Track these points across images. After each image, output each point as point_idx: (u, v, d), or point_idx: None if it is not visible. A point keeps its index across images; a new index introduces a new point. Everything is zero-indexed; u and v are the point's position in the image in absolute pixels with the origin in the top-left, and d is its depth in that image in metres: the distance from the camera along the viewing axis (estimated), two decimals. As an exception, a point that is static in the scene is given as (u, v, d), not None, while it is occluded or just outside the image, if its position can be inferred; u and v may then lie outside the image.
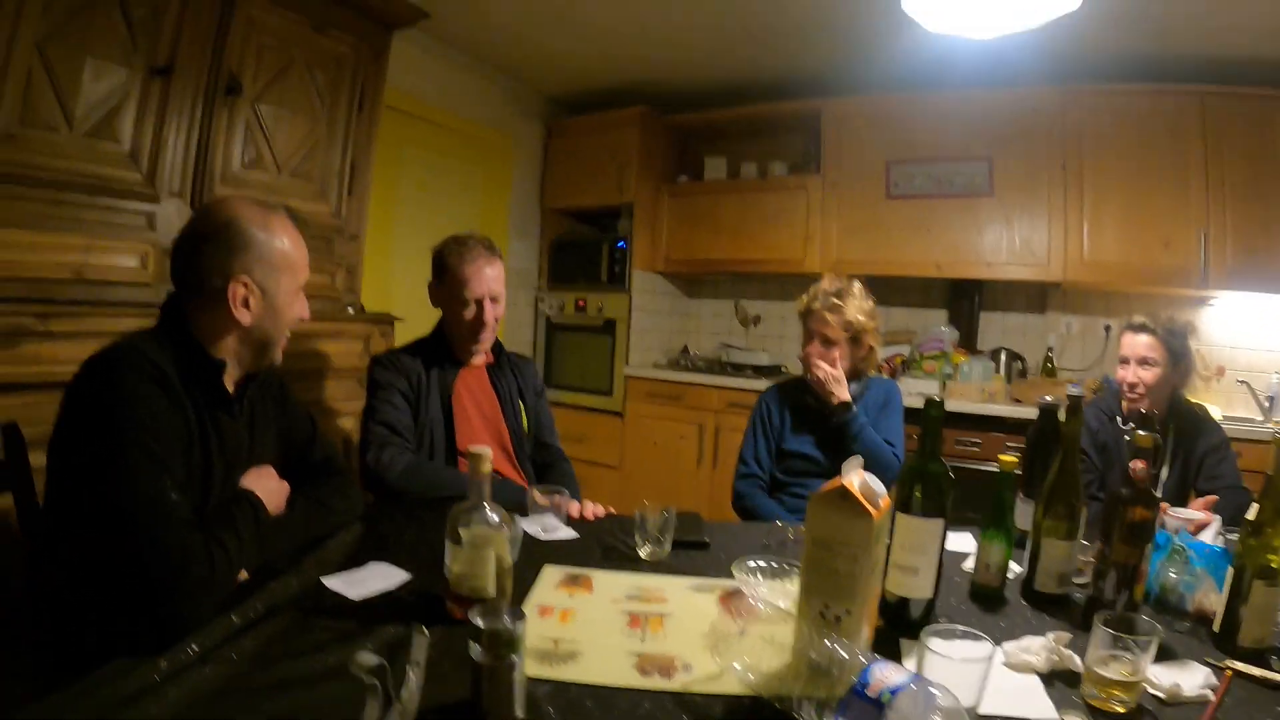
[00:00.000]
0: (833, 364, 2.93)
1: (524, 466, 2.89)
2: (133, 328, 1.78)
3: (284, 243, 1.81)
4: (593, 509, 2.41)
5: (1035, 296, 5.37)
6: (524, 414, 2.94)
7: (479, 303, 2.74)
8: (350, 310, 3.85)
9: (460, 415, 2.76)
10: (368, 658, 1.05)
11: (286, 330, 1.88)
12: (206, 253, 1.73)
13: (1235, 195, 4.39)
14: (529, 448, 2.95)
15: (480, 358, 2.90)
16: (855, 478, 1.40)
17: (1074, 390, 1.93)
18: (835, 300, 2.92)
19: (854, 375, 3.03)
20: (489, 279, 2.76)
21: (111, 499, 1.47)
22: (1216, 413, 3.56)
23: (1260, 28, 4.05)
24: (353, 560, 1.83)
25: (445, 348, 2.84)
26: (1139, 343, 3.06)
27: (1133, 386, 3.07)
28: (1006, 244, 4.98)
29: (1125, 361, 3.10)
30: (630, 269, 6.03)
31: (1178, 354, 3.05)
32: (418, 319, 3.65)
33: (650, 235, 6.20)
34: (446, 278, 2.77)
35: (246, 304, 1.76)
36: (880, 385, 3.12)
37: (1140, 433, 1.74)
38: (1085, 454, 3.03)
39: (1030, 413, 4.27)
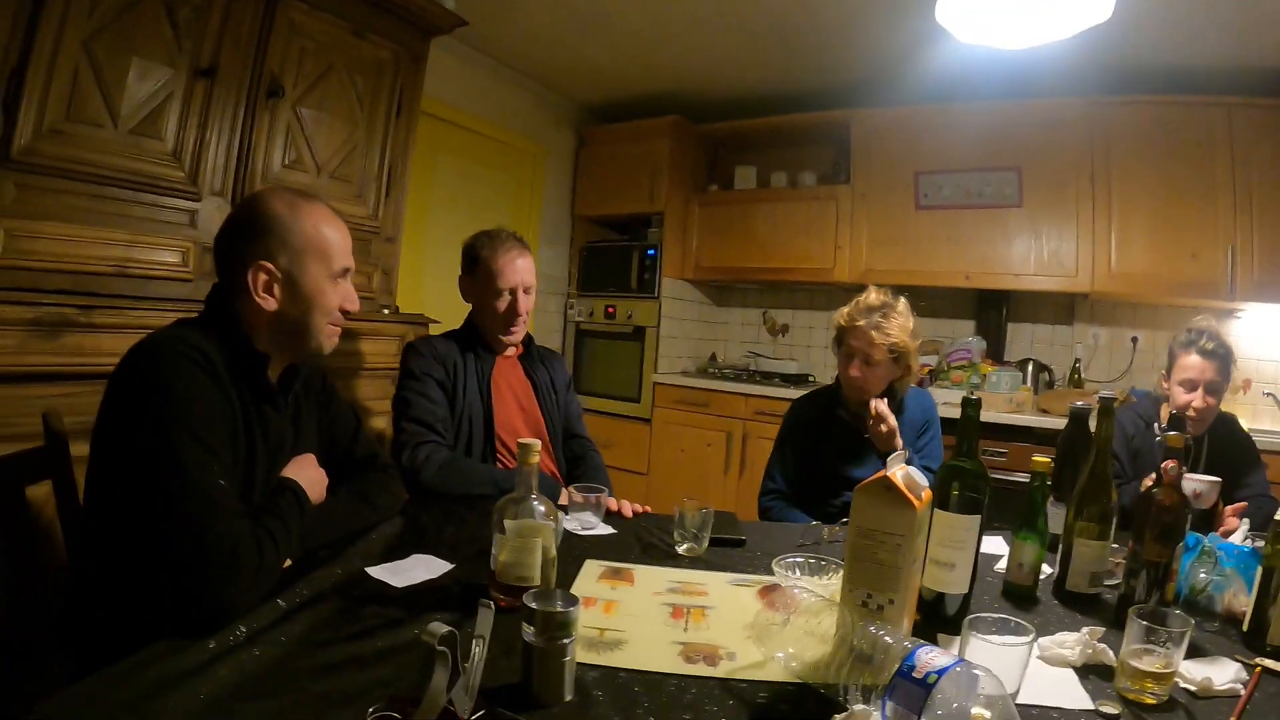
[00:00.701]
0: (877, 384, 2.85)
1: (558, 456, 2.93)
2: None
3: (311, 228, 1.77)
4: (630, 506, 2.46)
5: (1063, 307, 5.38)
6: (556, 404, 2.97)
7: (512, 292, 2.77)
8: (386, 311, 3.91)
9: (499, 402, 2.79)
10: (438, 626, 1.08)
11: (324, 319, 1.83)
12: (233, 240, 1.75)
13: (1262, 207, 4.39)
14: (561, 437, 2.98)
15: (513, 349, 2.93)
16: (899, 470, 1.44)
17: (1105, 393, 1.95)
18: (880, 319, 2.78)
19: (890, 391, 2.94)
20: (521, 269, 2.79)
21: (160, 485, 1.46)
22: (1243, 424, 3.56)
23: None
24: (394, 552, 1.86)
25: (478, 338, 2.87)
26: (1210, 368, 2.91)
27: (1199, 411, 2.91)
28: (1035, 255, 4.99)
29: (1192, 386, 2.93)
30: (660, 277, 6.06)
31: (1230, 373, 2.96)
32: (451, 322, 3.70)
33: (680, 243, 6.24)
34: (479, 270, 2.80)
35: (271, 291, 1.74)
36: (918, 400, 3.05)
37: (1171, 433, 1.77)
38: (1116, 458, 2.93)
39: (1057, 423, 4.28)
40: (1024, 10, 2.42)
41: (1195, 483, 2.25)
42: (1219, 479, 2.34)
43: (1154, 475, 1.78)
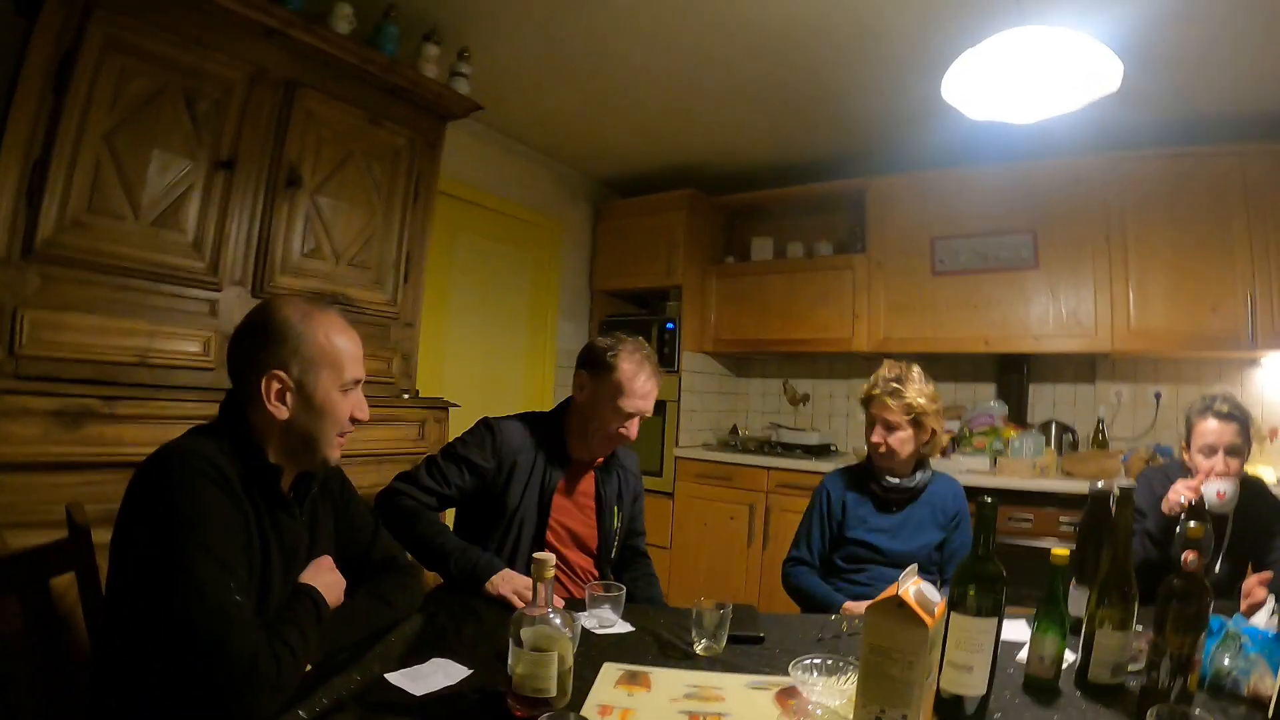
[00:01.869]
0: (901, 448, 2.92)
1: (604, 570, 2.82)
2: (194, 411, 1.82)
3: (323, 337, 1.77)
4: None
5: (1084, 367, 5.36)
6: (617, 518, 2.86)
7: (631, 417, 2.67)
8: (405, 396, 3.94)
9: (558, 510, 2.72)
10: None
11: (335, 430, 1.82)
12: (246, 347, 1.76)
13: (1280, 253, 4.38)
14: (616, 550, 2.89)
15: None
16: (910, 586, 1.43)
17: (1124, 484, 1.94)
18: (895, 385, 2.91)
19: (918, 463, 3.02)
20: (652, 400, 2.72)
21: (177, 601, 1.46)
22: (1270, 475, 3.50)
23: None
24: (414, 655, 1.86)
25: (561, 438, 2.77)
26: (1228, 430, 2.85)
27: (1222, 476, 2.83)
28: (1053, 316, 4.99)
29: (1211, 450, 2.86)
30: (679, 350, 6.09)
31: (1250, 436, 2.91)
32: (471, 404, 3.70)
33: (699, 316, 6.28)
34: (610, 378, 2.65)
35: (283, 399, 1.74)
36: (949, 489, 3.07)
37: (1191, 524, 1.76)
38: (1140, 513, 2.89)
39: (1081, 487, 4.24)
40: (1030, 87, 2.44)
41: (1217, 484, 2.42)
42: (1237, 477, 2.45)
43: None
